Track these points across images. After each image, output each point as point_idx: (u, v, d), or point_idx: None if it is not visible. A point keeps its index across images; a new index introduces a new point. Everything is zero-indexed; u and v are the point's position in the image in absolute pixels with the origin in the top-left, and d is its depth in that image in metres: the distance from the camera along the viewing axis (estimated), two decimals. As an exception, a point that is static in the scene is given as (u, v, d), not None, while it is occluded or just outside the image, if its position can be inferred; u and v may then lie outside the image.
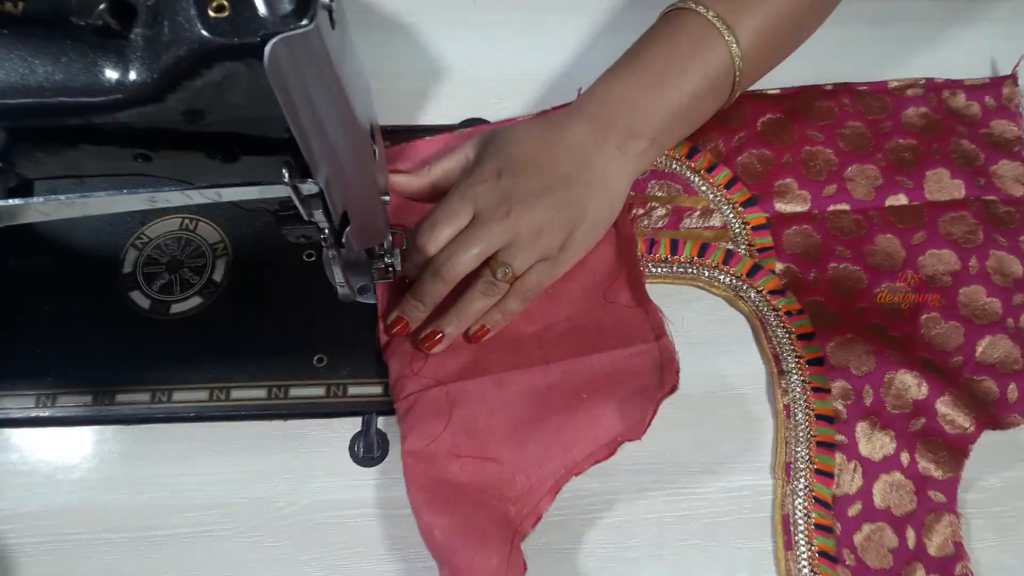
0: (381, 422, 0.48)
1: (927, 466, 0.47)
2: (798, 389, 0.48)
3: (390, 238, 0.46)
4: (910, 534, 0.45)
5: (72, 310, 0.50)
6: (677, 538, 0.46)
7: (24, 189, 0.37)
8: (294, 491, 0.47)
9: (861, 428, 0.47)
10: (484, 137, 0.50)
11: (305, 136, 0.32)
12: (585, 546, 0.46)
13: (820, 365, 0.49)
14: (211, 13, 0.27)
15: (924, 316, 0.51)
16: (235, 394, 0.48)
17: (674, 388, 0.46)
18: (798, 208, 0.54)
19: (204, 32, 0.28)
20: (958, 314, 0.51)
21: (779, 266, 0.52)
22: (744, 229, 0.53)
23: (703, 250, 0.52)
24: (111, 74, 0.29)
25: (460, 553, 0.42)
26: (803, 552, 0.45)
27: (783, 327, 0.50)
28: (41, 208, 0.35)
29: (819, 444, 0.47)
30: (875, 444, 0.47)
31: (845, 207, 0.54)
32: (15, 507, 0.46)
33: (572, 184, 0.47)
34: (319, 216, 0.38)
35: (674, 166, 0.55)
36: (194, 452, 0.48)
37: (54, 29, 0.29)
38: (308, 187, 0.35)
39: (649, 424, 0.46)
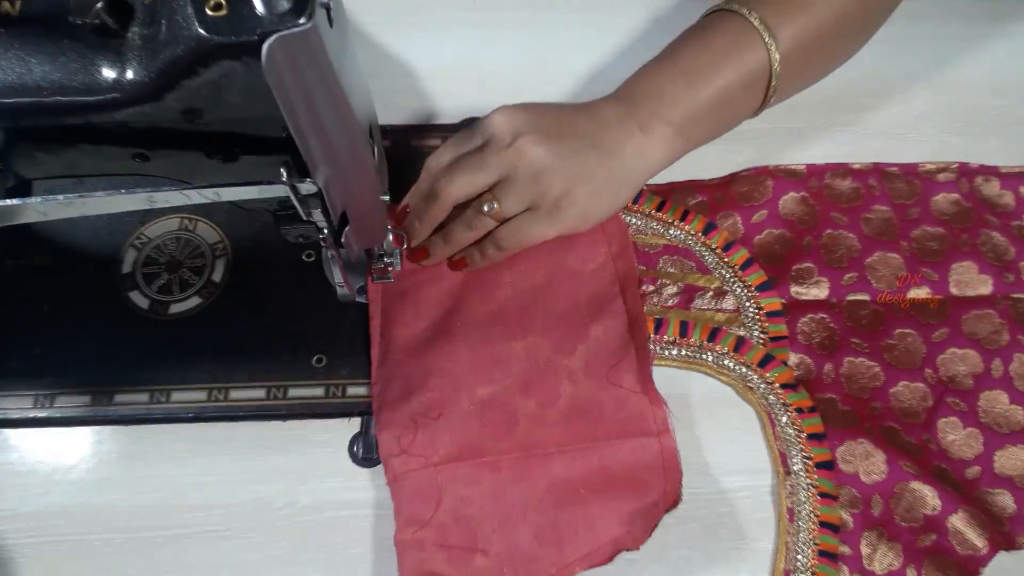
0: (380, 422, 0.48)
1: None
2: (803, 493, 0.46)
3: (389, 238, 0.46)
4: None
5: (71, 310, 0.50)
6: (677, 539, 0.46)
7: (22, 189, 0.37)
8: (293, 491, 0.47)
9: (867, 539, 0.45)
10: (498, 109, 0.49)
11: (303, 135, 0.32)
12: (585, 547, 0.46)
13: (829, 469, 0.46)
14: (209, 12, 0.27)
15: (942, 420, 0.48)
16: (234, 394, 0.48)
17: (676, 503, 0.45)
18: (816, 295, 0.51)
19: (202, 31, 0.28)
20: (978, 420, 0.48)
21: (793, 358, 0.50)
22: (758, 315, 0.50)
23: (713, 335, 0.50)
24: (108, 73, 0.29)
25: None
26: None
27: (793, 425, 0.48)
28: (39, 208, 0.35)
29: (821, 553, 0.44)
30: (881, 558, 0.44)
31: (865, 297, 0.51)
32: (14, 507, 0.46)
33: (584, 141, 0.47)
34: (318, 216, 0.37)
35: (689, 242, 0.53)
36: (193, 452, 0.48)
37: (51, 28, 0.29)
38: (307, 187, 0.35)
39: (648, 536, 0.44)
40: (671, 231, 0.53)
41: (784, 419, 0.48)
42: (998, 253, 0.53)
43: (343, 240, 0.41)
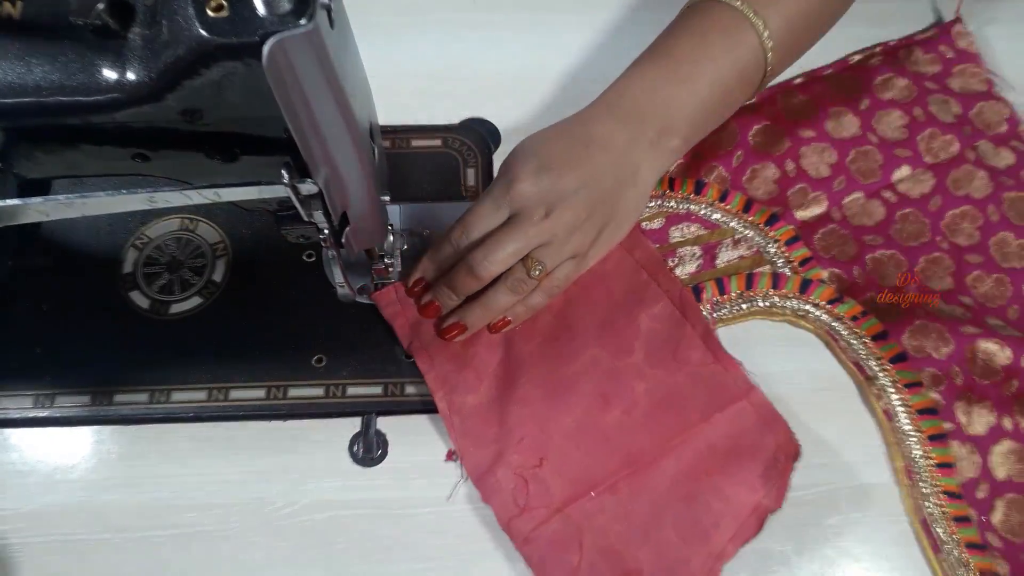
0: (380, 422, 0.48)
1: None
2: (891, 391, 0.48)
3: (390, 238, 0.46)
4: None
5: (71, 310, 0.50)
6: (677, 539, 0.46)
7: (23, 189, 0.37)
8: (293, 491, 0.47)
9: (960, 408, 0.47)
10: (515, 150, 0.48)
11: (304, 136, 0.32)
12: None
13: (904, 360, 0.48)
14: (210, 13, 0.27)
15: (969, 277, 0.52)
16: (234, 394, 0.48)
17: (798, 450, 0.46)
18: (818, 211, 0.54)
19: (203, 32, 0.28)
20: (997, 266, 0.52)
21: (824, 273, 0.52)
22: (777, 247, 0.52)
23: (749, 281, 0.51)
24: (109, 74, 0.29)
25: None
26: (951, 550, 0.45)
27: (854, 333, 0.50)
28: (40, 208, 0.35)
29: (930, 438, 0.47)
30: (978, 420, 0.47)
31: (859, 195, 0.54)
32: (14, 507, 0.46)
33: (606, 183, 0.47)
34: (318, 216, 0.37)
35: (689, 207, 0.54)
36: (193, 452, 0.48)
37: (52, 29, 0.29)
38: (307, 187, 0.35)
39: (786, 490, 0.45)
40: (667, 203, 0.54)
41: (844, 331, 0.50)
42: (949, 112, 0.57)
43: (343, 240, 0.41)
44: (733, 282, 0.51)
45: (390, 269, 0.49)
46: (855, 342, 0.50)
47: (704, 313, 0.50)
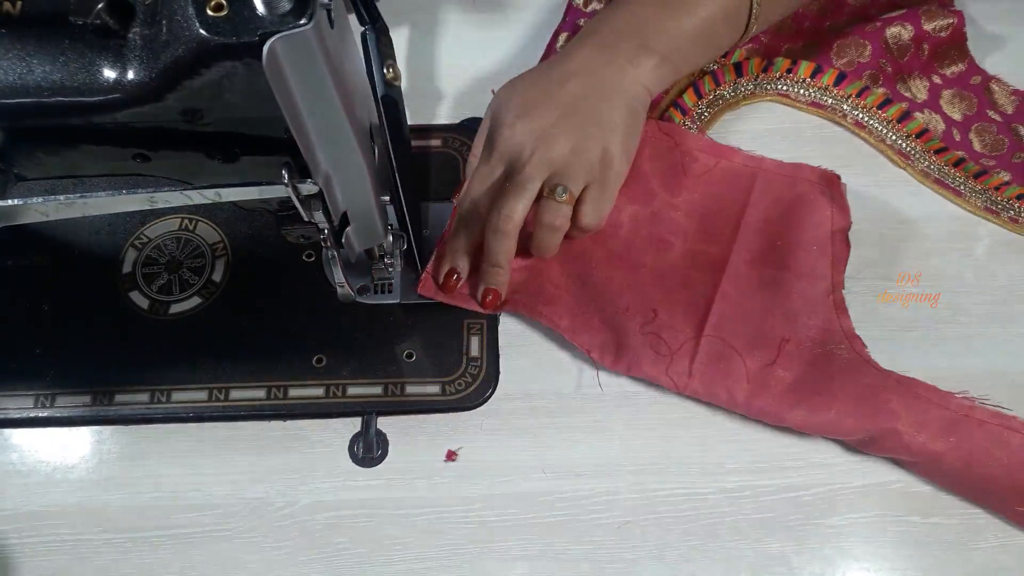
0: (380, 422, 0.48)
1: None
2: (919, 152, 0.55)
3: (389, 238, 0.46)
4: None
5: (71, 310, 0.50)
6: (678, 538, 0.46)
7: (23, 189, 0.37)
8: (293, 491, 0.47)
9: (901, 87, 0.56)
10: (493, 101, 0.51)
11: (304, 136, 0.32)
12: (586, 547, 0.46)
13: (843, 79, 0.56)
14: (210, 12, 0.27)
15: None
16: (234, 394, 0.48)
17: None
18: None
19: (202, 31, 0.28)
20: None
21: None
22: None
23: (766, 67, 0.57)
24: (109, 73, 0.29)
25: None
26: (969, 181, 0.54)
27: (864, 110, 0.56)
28: (40, 208, 0.35)
29: (898, 120, 0.56)
30: (916, 89, 0.56)
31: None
32: (14, 507, 0.46)
33: (587, 104, 0.48)
34: (319, 216, 0.37)
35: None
36: (193, 452, 0.48)
37: (52, 28, 0.29)
38: (307, 187, 0.35)
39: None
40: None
41: (848, 109, 0.57)
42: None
43: (343, 240, 0.41)
44: (802, 67, 0.57)
45: (390, 269, 0.49)
46: (867, 118, 0.56)
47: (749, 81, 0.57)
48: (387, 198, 0.42)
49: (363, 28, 0.43)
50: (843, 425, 0.46)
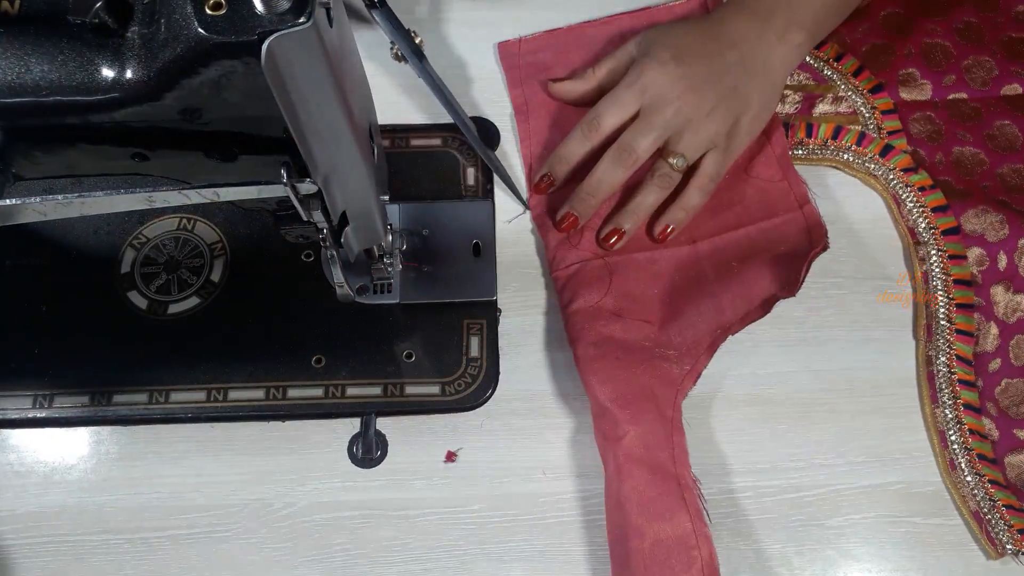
0: (380, 423, 0.48)
1: None
2: (935, 257, 0.51)
3: (389, 238, 0.46)
4: None
5: (70, 310, 0.50)
6: (678, 539, 0.46)
7: (21, 189, 0.37)
8: (292, 492, 0.47)
9: (997, 291, 0.50)
10: (647, 35, 0.52)
11: (303, 135, 0.32)
12: (588, 547, 0.46)
13: (955, 234, 0.51)
14: (208, 11, 0.27)
15: None
16: (233, 395, 0.48)
17: (825, 247, 0.50)
18: (920, 97, 0.56)
19: (201, 30, 0.27)
20: None
21: (908, 148, 0.54)
22: (873, 113, 0.55)
23: (837, 132, 0.55)
24: (108, 72, 0.29)
25: (627, 421, 0.45)
26: (948, 404, 0.48)
27: (917, 203, 0.52)
28: (38, 208, 0.35)
29: (959, 306, 0.50)
30: (1010, 307, 0.49)
31: (963, 95, 0.56)
32: (12, 508, 0.46)
33: (737, 72, 0.49)
34: (318, 216, 0.37)
35: (805, 58, 0.57)
36: (192, 453, 0.48)
37: (50, 27, 0.29)
38: (306, 187, 0.35)
39: (802, 283, 0.49)
40: None
41: (909, 198, 0.53)
42: None
43: (343, 240, 0.41)
44: (822, 129, 0.55)
45: (389, 269, 0.48)
46: (916, 210, 0.53)
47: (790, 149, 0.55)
48: (386, 198, 0.42)
49: (372, 7, 0.46)
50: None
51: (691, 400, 0.49)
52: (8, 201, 0.34)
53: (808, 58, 0.57)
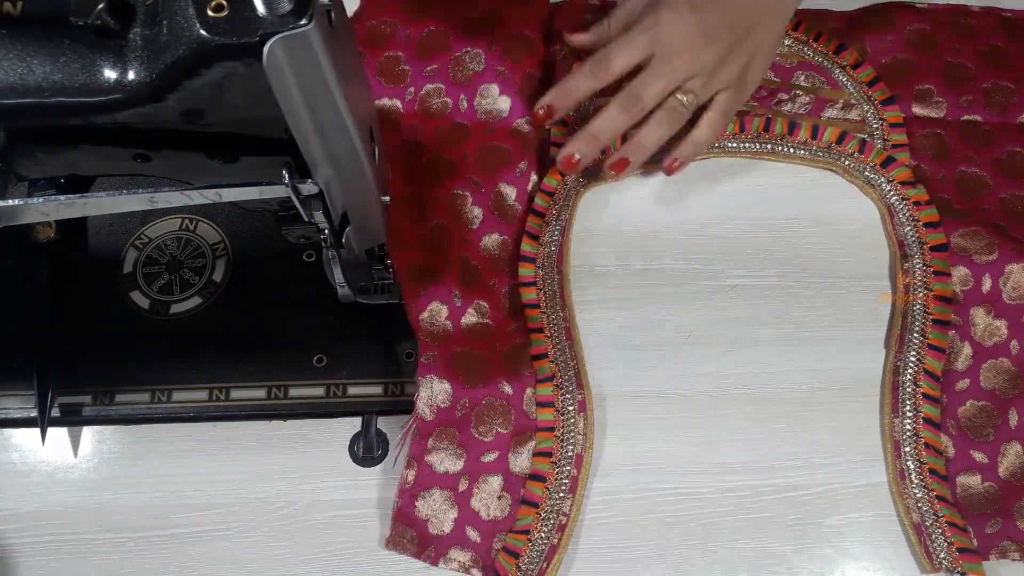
0: (381, 422, 0.48)
1: None
2: (919, 271, 0.51)
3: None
4: (1012, 416, 0.47)
5: (72, 310, 0.50)
6: (678, 538, 0.46)
7: (23, 189, 0.37)
8: (293, 491, 0.47)
9: (977, 313, 0.49)
10: None
11: (304, 136, 0.32)
12: (586, 546, 0.46)
13: (943, 251, 0.51)
14: (210, 13, 0.27)
15: None
16: (235, 394, 0.48)
17: None
18: (933, 114, 0.56)
19: (203, 32, 0.28)
20: None
21: (910, 162, 0.54)
22: (881, 125, 0.55)
23: (841, 137, 0.55)
24: (110, 74, 0.29)
25: None
26: (908, 416, 0.47)
27: (910, 216, 0.52)
28: (41, 208, 0.35)
29: (935, 322, 0.49)
30: (987, 331, 0.49)
31: (978, 118, 0.56)
32: (14, 507, 0.46)
33: (751, 15, 0.49)
34: (319, 216, 0.37)
35: (821, 60, 0.57)
36: (193, 452, 0.48)
37: (53, 29, 0.29)
38: (308, 187, 0.35)
39: None
40: (806, 49, 0.57)
41: (903, 211, 0.53)
42: None
43: (344, 240, 0.41)
44: (828, 132, 0.55)
45: (390, 269, 0.49)
46: (907, 223, 0.52)
47: (784, 147, 0.55)
48: (387, 198, 0.42)
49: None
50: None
51: (691, 400, 0.49)
52: (10, 201, 0.35)
53: (827, 62, 0.57)
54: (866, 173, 0.54)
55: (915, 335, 0.49)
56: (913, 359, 0.48)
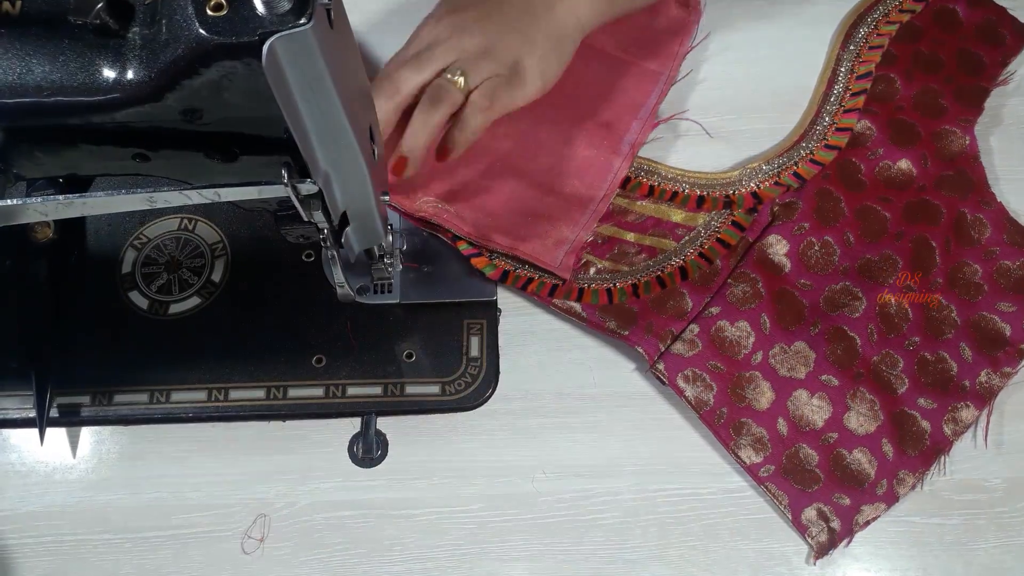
0: (380, 422, 0.48)
1: None
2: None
3: (389, 238, 0.46)
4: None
5: (71, 310, 0.50)
6: (678, 538, 0.46)
7: (22, 189, 0.37)
8: (293, 492, 0.47)
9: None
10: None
11: (304, 136, 0.32)
12: (587, 547, 0.46)
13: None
14: (209, 12, 0.27)
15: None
16: (234, 394, 0.48)
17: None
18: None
19: (202, 31, 0.28)
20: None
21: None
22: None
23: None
24: (109, 73, 0.29)
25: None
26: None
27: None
28: (40, 208, 0.35)
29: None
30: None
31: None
32: (13, 507, 0.46)
33: (513, 13, 0.49)
34: (318, 216, 0.37)
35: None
36: (193, 453, 0.48)
37: (52, 28, 0.29)
38: (307, 187, 0.35)
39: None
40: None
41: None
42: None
43: (343, 240, 0.41)
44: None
45: (390, 269, 0.48)
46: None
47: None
48: (387, 198, 0.42)
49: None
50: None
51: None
52: (9, 201, 0.34)
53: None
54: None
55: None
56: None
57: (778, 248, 0.51)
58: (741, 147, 0.55)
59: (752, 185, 0.53)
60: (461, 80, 0.47)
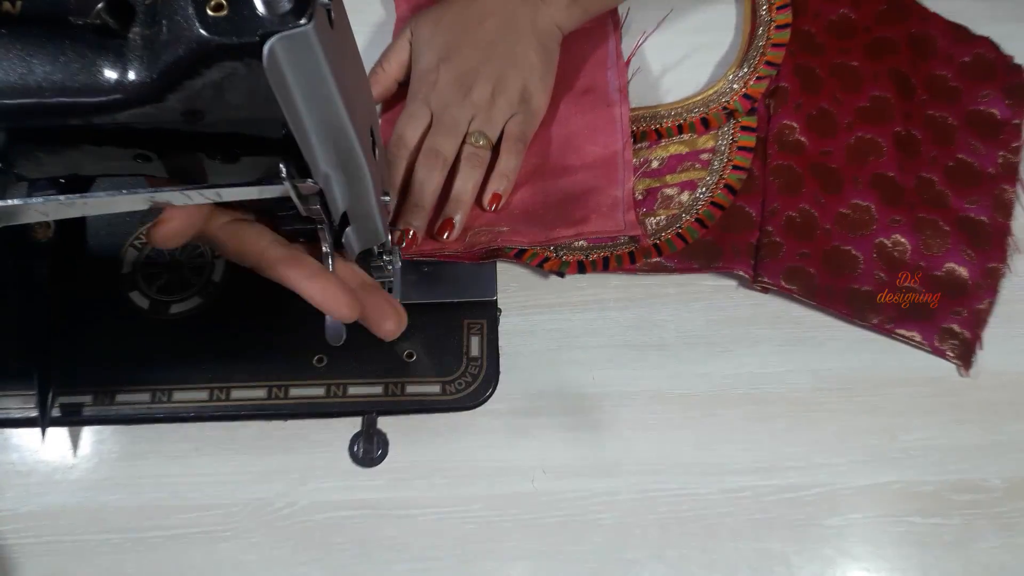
0: (381, 422, 0.48)
1: None
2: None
3: (389, 238, 0.46)
4: None
5: (71, 310, 0.50)
6: (678, 538, 0.46)
7: (23, 189, 0.37)
8: (293, 491, 0.47)
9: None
10: (416, 30, 0.54)
11: (304, 136, 0.32)
12: (586, 547, 0.46)
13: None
14: (209, 12, 0.27)
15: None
16: (235, 394, 0.48)
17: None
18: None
19: (203, 31, 0.28)
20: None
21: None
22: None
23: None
24: (110, 74, 0.29)
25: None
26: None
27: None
28: (40, 208, 0.35)
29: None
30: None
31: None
32: (13, 507, 0.46)
33: (505, 45, 0.51)
34: (319, 216, 0.37)
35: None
36: (193, 452, 0.48)
37: (52, 28, 0.29)
38: (307, 187, 0.35)
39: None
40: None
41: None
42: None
43: (343, 240, 0.41)
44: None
45: (390, 268, 0.49)
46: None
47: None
48: (387, 198, 0.42)
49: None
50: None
51: (689, 400, 0.49)
52: (9, 201, 0.35)
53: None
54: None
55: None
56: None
57: (792, 130, 0.55)
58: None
59: (738, 88, 0.57)
60: (484, 142, 0.50)
